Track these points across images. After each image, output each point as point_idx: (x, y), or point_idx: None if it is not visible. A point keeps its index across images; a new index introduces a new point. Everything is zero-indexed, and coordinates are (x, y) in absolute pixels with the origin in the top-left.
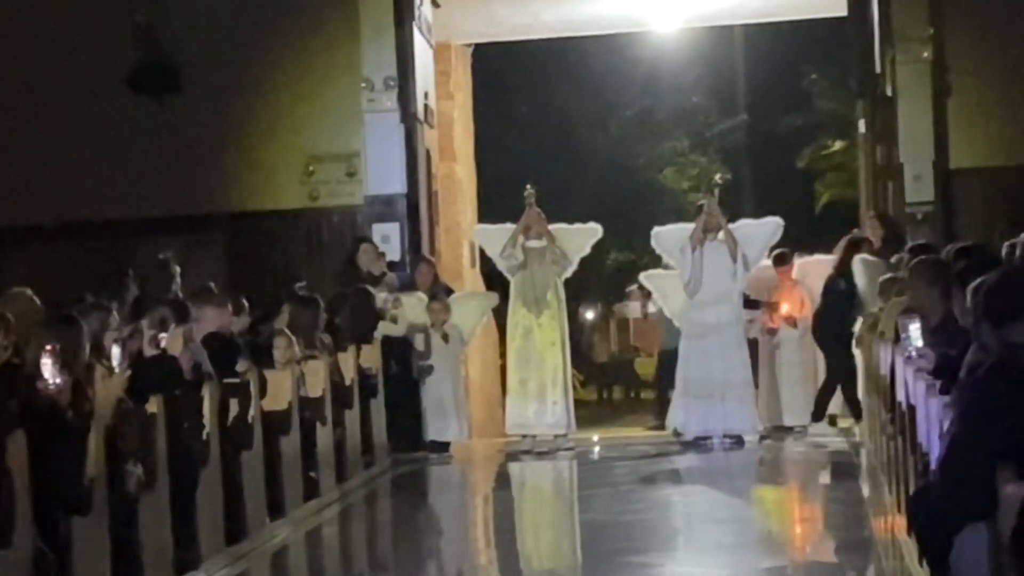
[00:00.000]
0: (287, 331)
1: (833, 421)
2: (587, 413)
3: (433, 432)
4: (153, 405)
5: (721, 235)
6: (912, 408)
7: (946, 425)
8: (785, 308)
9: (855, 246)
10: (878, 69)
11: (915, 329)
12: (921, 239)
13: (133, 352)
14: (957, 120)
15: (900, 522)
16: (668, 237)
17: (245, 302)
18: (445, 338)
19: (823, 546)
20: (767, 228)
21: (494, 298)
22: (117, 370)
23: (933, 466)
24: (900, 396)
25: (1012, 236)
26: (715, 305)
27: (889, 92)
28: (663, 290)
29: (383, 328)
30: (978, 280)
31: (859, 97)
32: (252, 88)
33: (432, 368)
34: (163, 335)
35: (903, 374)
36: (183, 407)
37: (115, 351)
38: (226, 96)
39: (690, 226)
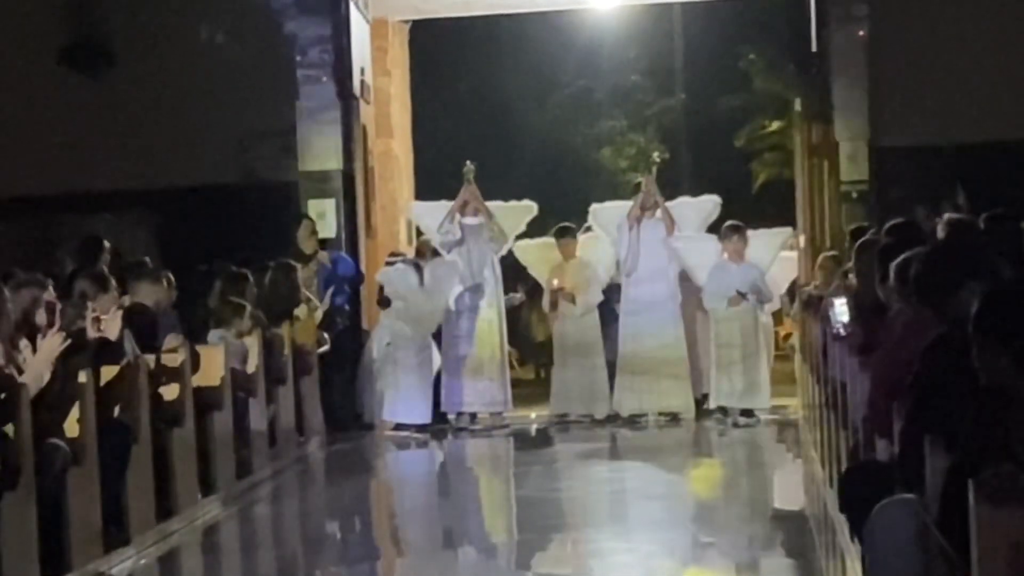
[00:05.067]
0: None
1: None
2: (524, 392)
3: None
4: (83, 380)
5: (658, 213)
6: (843, 384)
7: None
8: None
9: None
10: (814, 48)
11: (841, 305)
12: (856, 218)
13: (69, 328)
14: (892, 99)
15: (832, 497)
16: (606, 214)
17: (172, 277)
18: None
19: (756, 522)
20: (705, 206)
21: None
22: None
23: (863, 443)
24: (832, 373)
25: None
26: (650, 283)
27: (825, 71)
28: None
29: (302, 311)
30: (901, 257)
31: (795, 76)
32: (187, 63)
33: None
34: (105, 316)
35: (833, 351)
36: (114, 382)
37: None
38: (160, 71)
39: (628, 203)
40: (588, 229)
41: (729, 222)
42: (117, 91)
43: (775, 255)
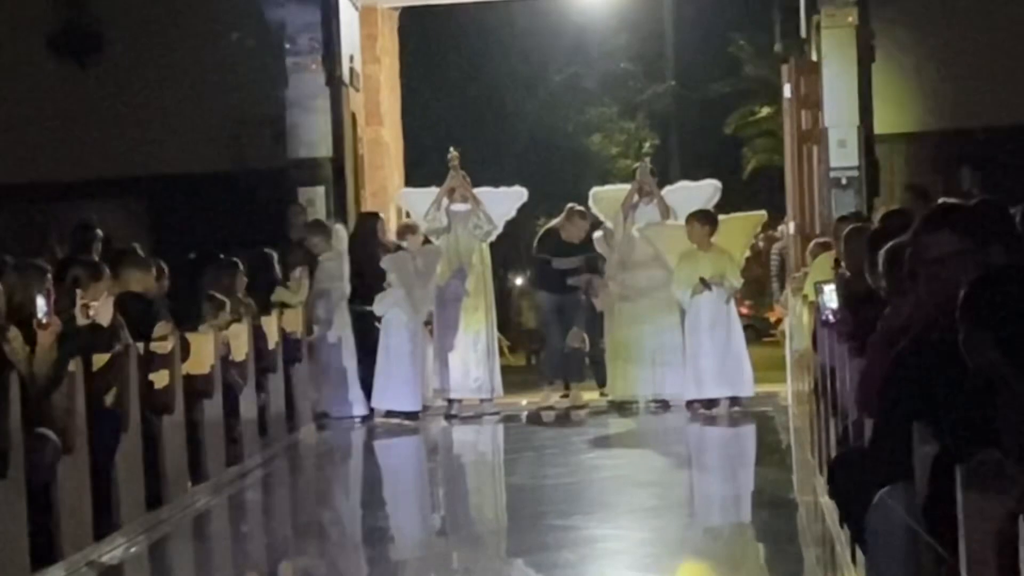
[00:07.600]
0: (218, 295)
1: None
2: (515, 379)
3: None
4: (73, 367)
5: (654, 201)
6: (833, 370)
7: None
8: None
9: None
10: (803, 34)
11: (830, 291)
12: (845, 204)
13: (63, 315)
14: (881, 85)
15: (822, 484)
16: (606, 198)
17: (164, 265)
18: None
19: (746, 509)
20: (705, 191)
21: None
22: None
23: (852, 429)
24: (822, 359)
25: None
26: (646, 269)
27: (814, 57)
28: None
29: (279, 294)
30: (890, 244)
31: (784, 62)
32: (176, 50)
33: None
34: (95, 303)
35: (823, 337)
36: (104, 370)
37: (41, 313)
38: (149, 58)
39: (628, 187)
40: None
41: (694, 209)
42: (106, 78)
43: (748, 240)
